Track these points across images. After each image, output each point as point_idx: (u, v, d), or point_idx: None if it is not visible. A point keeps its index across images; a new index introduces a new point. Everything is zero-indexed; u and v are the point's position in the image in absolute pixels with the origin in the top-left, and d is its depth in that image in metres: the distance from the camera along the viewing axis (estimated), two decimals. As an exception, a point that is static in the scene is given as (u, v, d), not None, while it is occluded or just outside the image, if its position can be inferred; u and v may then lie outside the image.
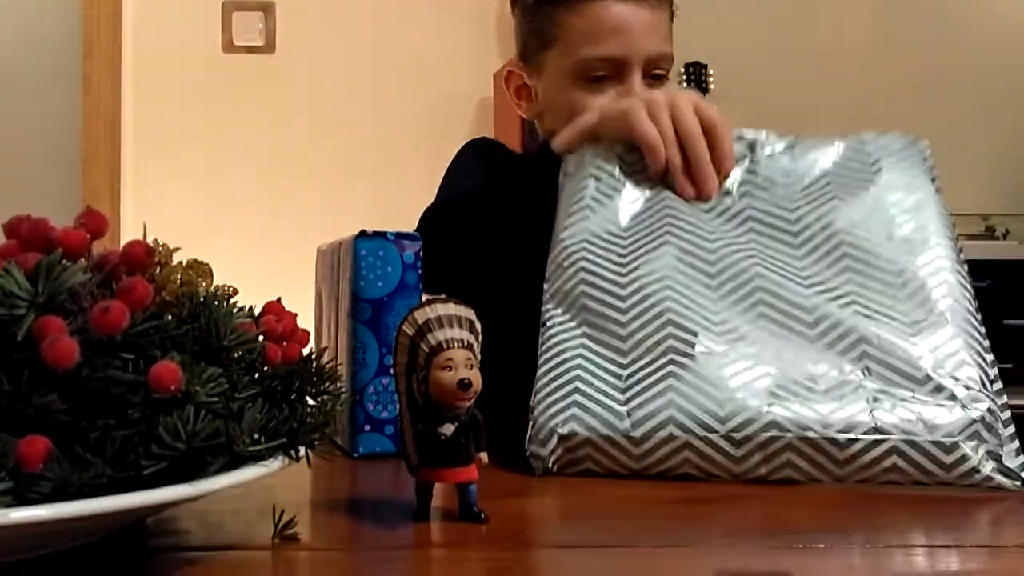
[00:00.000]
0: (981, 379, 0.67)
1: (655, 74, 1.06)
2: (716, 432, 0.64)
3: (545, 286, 0.77)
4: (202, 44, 2.78)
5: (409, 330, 0.49)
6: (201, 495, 0.40)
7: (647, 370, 0.68)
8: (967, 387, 0.66)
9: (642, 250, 0.76)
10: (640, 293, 0.72)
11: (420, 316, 0.49)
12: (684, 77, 2.90)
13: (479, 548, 0.47)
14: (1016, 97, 2.90)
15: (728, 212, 0.79)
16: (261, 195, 2.75)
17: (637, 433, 0.65)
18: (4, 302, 0.38)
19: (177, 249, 0.48)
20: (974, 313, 0.72)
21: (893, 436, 0.63)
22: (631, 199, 0.81)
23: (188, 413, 0.40)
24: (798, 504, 0.59)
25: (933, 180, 0.80)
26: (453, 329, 0.48)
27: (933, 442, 0.63)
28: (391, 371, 0.68)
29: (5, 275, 0.38)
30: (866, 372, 0.66)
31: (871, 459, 0.63)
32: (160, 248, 0.47)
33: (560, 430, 0.66)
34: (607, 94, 1.04)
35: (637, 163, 0.83)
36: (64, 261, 0.40)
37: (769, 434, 0.64)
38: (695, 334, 0.68)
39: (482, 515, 0.50)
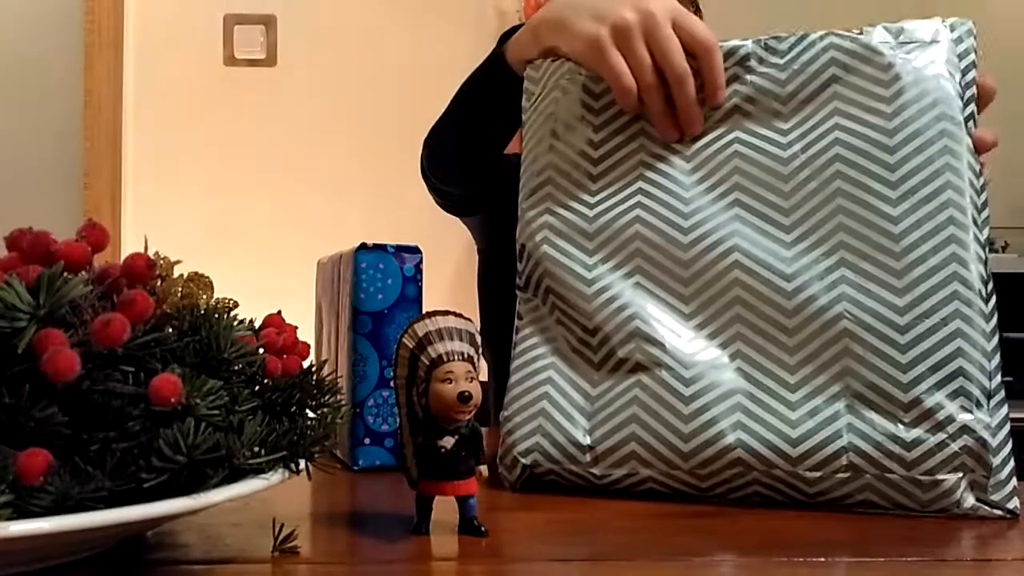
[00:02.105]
0: (977, 398, 0.60)
1: None
2: (680, 469, 0.62)
3: (517, 281, 0.73)
4: (203, 57, 2.78)
5: (409, 343, 0.49)
6: (201, 508, 0.40)
7: (613, 392, 0.66)
8: (959, 410, 0.59)
9: (610, 245, 0.69)
10: (607, 294, 0.67)
11: (420, 329, 0.49)
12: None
13: (479, 561, 0.47)
14: (1015, 110, 2.91)
15: (712, 156, 0.69)
16: (262, 208, 2.75)
17: (598, 471, 0.64)
18: (5, 315, 0.38)
19: (178, 262, 0.48)
20: (983, 311, 0.64)
21: (867, 474, 0.59)
22: (599, 150, 0.71)
23: (188, 426, 0.40)
24: (796, 518, 0.58)
25: (968, 103, 0.68)
26: (453, 342, 0.48)
27: (910, 479, 0.58)
28: (391, 384, 0.68)
29: (6, 288, 0.38)
30: (846, 393, 0.61)
31: (842, 494, 0.60)
32: (161, 261, 0.47)
33: (524, 460, 0.66)
34: None
35: (605, 94, 0.72)
36: (65, 274, 0.40)
37: (734, 471, 0.61)
38: (663, 347, 0.65)
39: (482, 528, 0.50)
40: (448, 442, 0.48)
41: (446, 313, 0.50)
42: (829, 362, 0.62)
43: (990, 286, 0.65)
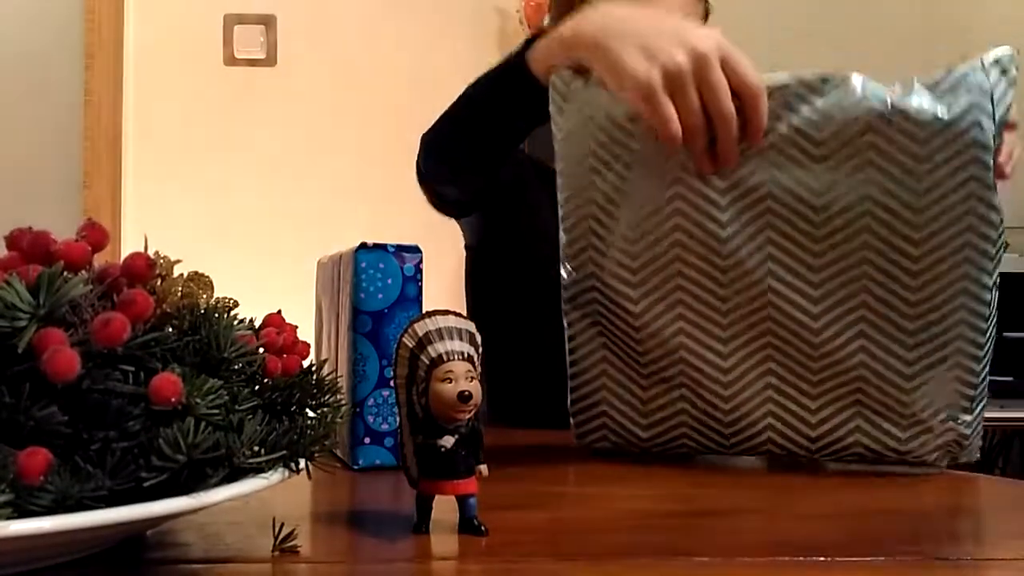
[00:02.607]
0: (964, 408, 0.72)
1: None
2: (723, 452, 0.77)
3: (563, 293, 0.77)
4: (203, 57, 2.78)
5: (409, 342, 0.49)
6: (201, 507, 0.40)
7: (662, 401, 0.77)
8: (948, 419, 0.72)
9: (654, 279, 0.73)
10: (653, 326, 0.75)
11: (420, 328, 0.49)
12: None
13: (479, 561, 0.47)
14: (1017, 109, 2.91)
15: (747, 193, 0.71)
16: (262, 207, 2.75)
17: (651, 444, 0.79)
18: (5, 314, 0.38)
19: (178, 261, 0.48)
20: (983, 350, 0.73)
21: (866, 456, 0.74)
22: (636, 185, 0.73)
23: (188, 425, 0.40)
24: (800, 518, 0.58)
25: (995, 139, 0.69)
26: (453, 341, 0.48)
27: (900, 461, 0.73)
28: (391, 383, 0.68)
29: (6, 287, 0.38)
30: (858, 414, 0.73)
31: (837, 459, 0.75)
32: (161, 260, 0.47)
33: (595, 447, 0.81)
34: None
35: (643, 130, 0.73)
36: (65, 273, 0.40)
37: (765, 448, 0.76)
38: (703, 372, 0.75)
39: (482, 527, 0.50)
40: (448, 441, 0.48)
41: (446, 312, 0.50)
42: (845, 395, 0.73)
43: (993, 319, 0.73)
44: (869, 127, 0.68)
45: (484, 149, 0.94)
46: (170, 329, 0.45)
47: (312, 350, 0.54)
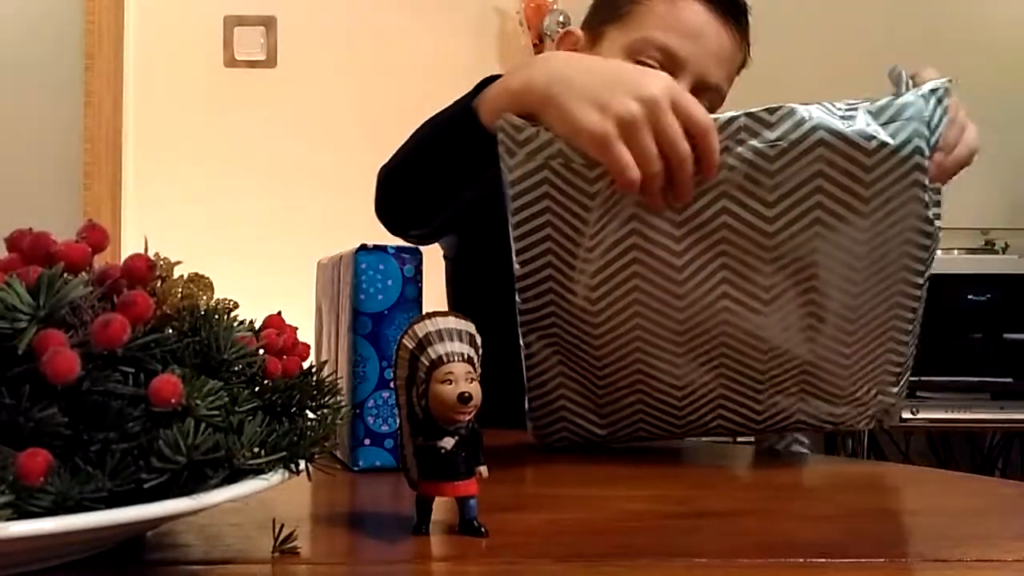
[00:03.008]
0: (892, 384, 0.82)
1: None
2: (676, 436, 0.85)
3: (518, 315, 0.79)
4: (204, 58, 2.79)
5: (409, 343, 0.49)
6: (201, 509, 0.40)
7: (618, 404, 0.82)
8: (879, 394, 0.81)
9: (612, 309, 0.76)
10: (614, 357, 0.78)
11: (420, 329, 0.49)
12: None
13: (479, 562, 0.47)
14: (1015, 112, 2.91)
15: (702, 225, 0.74)
16: (262, 209, 2.75)
17: (609, 440, 0.84)
18: (5, 315, 0.38)
19: (178, 263, 0.48)
20: (910, 329, 0.79)
21: (804, 426, 0.83)
22: (594, 227, 0.74)
23: (188, 426, 0.40)
24: (799, 519, 0.58)
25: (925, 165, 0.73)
26: (453, 343, 0.48)
27: (835, 430, 0.84)
28: (391, 385, 0.68)
29: (7, 288, 0.38)
30: (801, 399, 0.81)
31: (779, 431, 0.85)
32: (161, 262, 0.47)
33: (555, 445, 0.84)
34: None
35: (598, 178, 0.74)
36: (65, 275, 0.40)
37: (715, 431, 0.84)
38: (661, 385, 0.80)
39: (482, 529, 0.50)
40: (448, 443, 0.48)
41: (446, 314, 0.50)
42: (790, 385, 0.80)
43: (922, 307, 0.80)
44: (818, 156, 0.72)
45: (435, 190, 0.93)
46: (170, 330, 0.45)
47: (312, 351, 0.54)
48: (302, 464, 0.47)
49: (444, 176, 0.91)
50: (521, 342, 0.79)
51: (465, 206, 0.93)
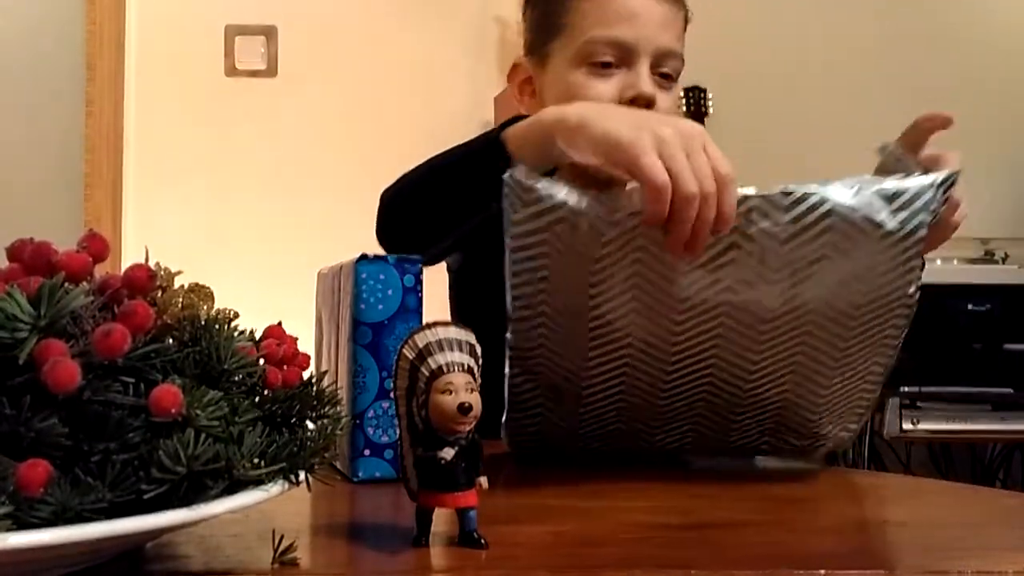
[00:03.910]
0: (855, 422, 0.85)
1: (663, 72, 1.02)
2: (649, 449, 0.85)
3: (507, 347, 0.78)
4: (205, 68, 2.79)
5: (409, 353, 0.49)
6: (200, 519, 0.40)
7: (598, 432, 0.83)
8: (842, 433, 0.85)
9: (601, 366, 0.77)
10: (598, 398, 0.80)
11: (420, 339, 0.49)
12: (683, 101, 2.91)
13: (479, 574, 0.47)
14: (1015, 122, 2.92)
15: (703, 307, 0.75)
16: (262, 219, 2.75)
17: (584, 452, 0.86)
18: (6, 325, 0.38)
19: (179, 273, 0.48)
20: (881, 380, 0.83)
21: (766, 452, 0.87)
22: (594, 269, 0.73)
23: (188, 437, 0.40)
24: (799, 530, 0.58)
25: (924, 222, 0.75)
26: (453, 353, 0.48)
27: (792, 458, 0.88)
28: (391, 395, 0.68)
29: (8, 298, 0.38)
30: (772, 435, 0.84)
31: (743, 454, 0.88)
32: (162, 272, 0.47)
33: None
34: (612, 82, 1.01)
35: (604, 256, 0.73)
36: (66, 285, 0.40)
37: (685, 450, 0.86)
38: (640, 418, 0.82)
39: (482, 540, 0.50)
40: (448, 453, 0.48)
41: (447, 324, 0.50)
42: (764, 422, 0.83)
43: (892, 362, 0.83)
44: (826, 240, 0.73)
45: (447, 216, 0.92)
46: (171, 340, 0.45)
47: (312, 362, 0.54)
48: (302, 475, 0.47)
49: (459, 202, 0.91)
50: (506, 369, 0.79)
51: (468, 231, 0.93)
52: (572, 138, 0.77)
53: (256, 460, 0.44)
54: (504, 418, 0.80)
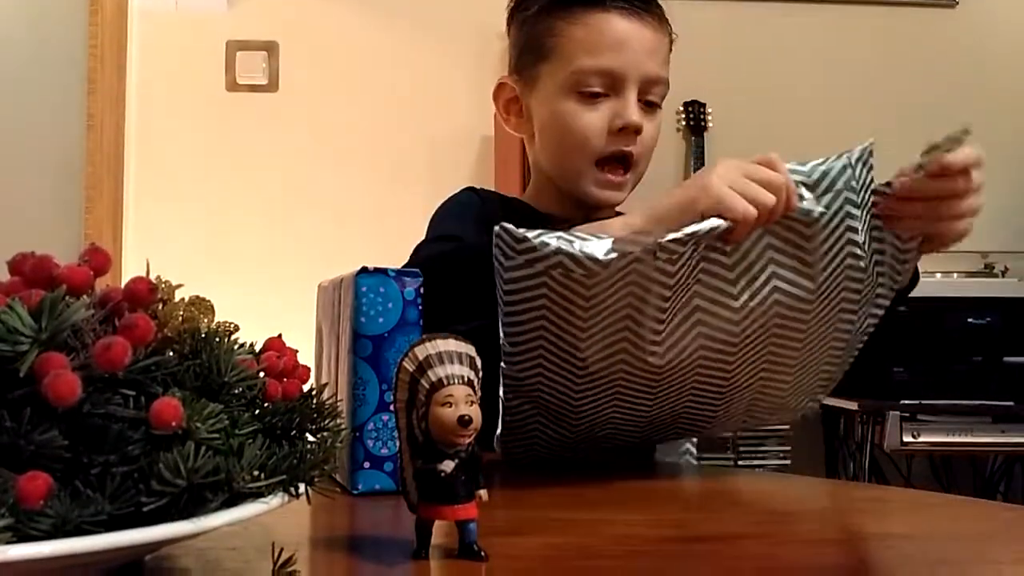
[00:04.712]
0: (821, 394, 0.93)
1: (649, 100, 1.05)
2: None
3: (502, 376, 0.80)
4: (206, 83, 2.80)
5: (409, 366, 0.49)
6: (200, 532, 0.40)
7: (586, 439, 0.87)
8: (809, 404, 0.93)
9: (593, 391, 0.81)
10: (588, 420, 0.84)
11: (421, 352, 0.49)
12: (683, 116, 2.92)
13: (478, 586, 0.46)
14: (1014, 135, 2.93)
15: (684, 320, 0.79)
16: (263, 232, 2.76)
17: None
18: (7, 338, 0.38)
19: (179, 286, 0.48)
20: (843, 355, 0.89)
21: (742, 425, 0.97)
22: (586, 306, 0.75)
23: (188, 449, 0.40)
24: (797, 543, 0.58)
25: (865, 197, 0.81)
26: (454, 365, 0.48)
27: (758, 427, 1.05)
28: (391, 407, 0.68)
29: (9, 311, 0.38)
30: (747, 413, 0.91)
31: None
32: (162, 285, 0.47)
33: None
34: (601, 110, 1.03)
35: (593, 292, 0.76)
36: (67, 298, 0.40)
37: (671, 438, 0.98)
38: (626, 427, 0.87)
39: (482, 553, 0.50)
40: (448, 466, 0.48)
41: (446, 336, 0.50)
42: (740, 409, 0.90)
43: (854, 332, 0.88)
44: (765, 233, 0.80)
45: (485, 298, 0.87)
46: (171, 353, 0.45)
47: (312, 374, 0.54)
48: (302, 487, 0.47)
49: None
50: (501, 393, 0.79)
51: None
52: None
53: (256, 472, 0.44)
54: (498, 432, 0.81)
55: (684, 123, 2.91)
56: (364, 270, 0.72)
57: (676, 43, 1.11)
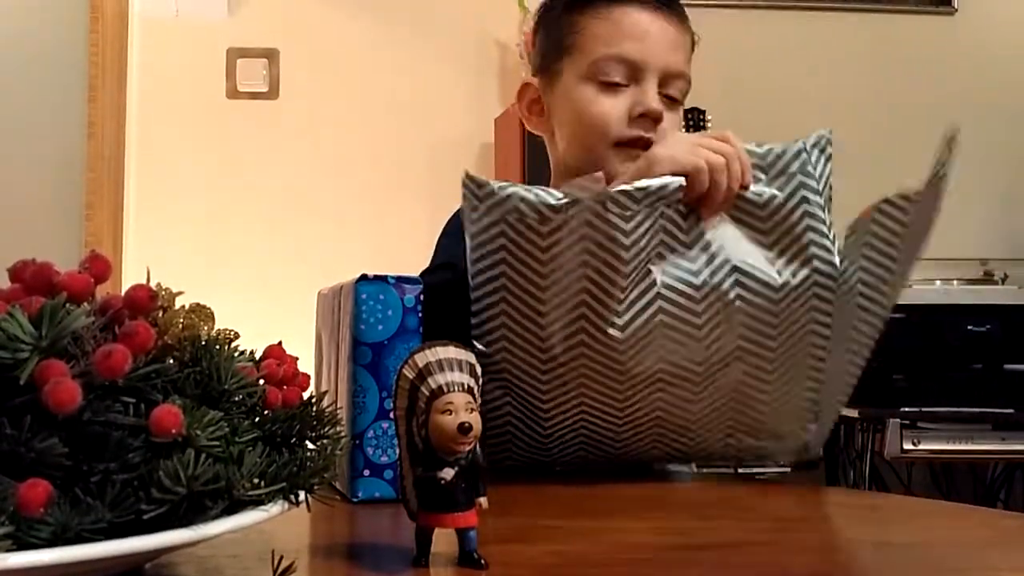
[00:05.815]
0: (811, 421, 0.88)
1: (670, 95, 1.04)
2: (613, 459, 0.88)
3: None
4: (206, 90, 2.80)
5: (409, 373, 0.49)
6: (200, 540, 0.40)
7: (561, 443, 0.86)
8: (798, 430, 0.88)
9: (558, 372, 0.80)
10: (557, 412, 0.83)
11: (420, 359, 0.49)
12: (683, 122, 2.93)
13: (479, 594, 0.46)
14: (1014, 141, 2.93)
15: (643, 292, 0.79)
16: (263, 240, 2.76)
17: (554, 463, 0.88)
18: (8, 345, 0.38)
19: (180, 293, 0.48)
20: (822, 367, 0.85)
21: (730, 458, 0.90)
22: (544, 259, 0.77)
23: (188, 457, 0.40)
24: (802, 551, 0.58)
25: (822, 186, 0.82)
26: (454, 373, 0.48)
27: (757, 463, 0.95)
28: (391, 415, 0.68)
29: (9, 319, 0.38)
30: (729, 435, 0.87)
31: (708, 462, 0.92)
32: (163, 292, 0.47)
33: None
34: (621, 99, 1.02)
35: (551, 236, 0.78)
36: (68, 305, 0.40)
37: (650, 459, 0.90)
38: (600, 432, 0.85)
39: (482, 561, 0.49)
40: (448, 473, 0.48)
41: (446, 344, 0.50)
42: (719, 423, 0.86)
43: (830, 349, 0.85)
44: (723, 219, 0.81)
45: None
46: (171, 361, 0.45)
47: (312, 382, 0.54)
48: (302, 495, 0.47)
49: None
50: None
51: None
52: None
53: (256, 480, 0.44)
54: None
55: (684, 130, 2.92)
56: (364, 277, 0.72)
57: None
